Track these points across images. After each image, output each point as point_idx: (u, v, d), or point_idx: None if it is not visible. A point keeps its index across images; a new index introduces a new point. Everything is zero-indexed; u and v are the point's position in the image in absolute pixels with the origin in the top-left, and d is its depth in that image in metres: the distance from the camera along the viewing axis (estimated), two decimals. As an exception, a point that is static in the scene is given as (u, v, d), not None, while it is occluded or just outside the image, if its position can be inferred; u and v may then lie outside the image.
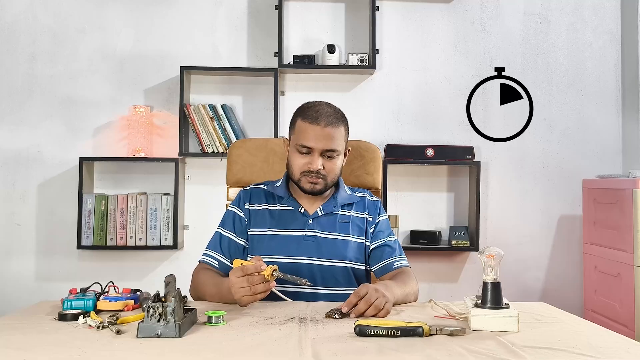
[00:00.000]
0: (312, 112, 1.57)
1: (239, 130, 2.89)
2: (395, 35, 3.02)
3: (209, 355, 0.99)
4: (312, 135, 1.54)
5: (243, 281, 1.28)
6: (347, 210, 1.66)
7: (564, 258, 3.02)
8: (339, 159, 1.61)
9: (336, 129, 1.56)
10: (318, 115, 1.55)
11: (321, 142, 1.54)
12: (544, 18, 3.05)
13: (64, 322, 1.21)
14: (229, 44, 2.99)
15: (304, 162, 1.57)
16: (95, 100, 2.95)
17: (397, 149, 2.88)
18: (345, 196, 1.68)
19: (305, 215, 1.63)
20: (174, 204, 2.82)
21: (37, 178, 2.94)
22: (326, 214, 1.63)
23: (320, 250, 1.59)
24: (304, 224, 1.62)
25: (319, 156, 1.56)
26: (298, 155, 1.58)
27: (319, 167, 1.55)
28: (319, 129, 1.54)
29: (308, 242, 1.59)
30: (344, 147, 1.62)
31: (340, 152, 1.59)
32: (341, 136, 1.59)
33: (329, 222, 1.63)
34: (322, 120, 1.54)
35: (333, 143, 1.56)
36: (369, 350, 1.01)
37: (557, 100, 3.04)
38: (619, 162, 3.03)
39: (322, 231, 1.61)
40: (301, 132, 1.56)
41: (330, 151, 1.56)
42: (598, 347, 1.05)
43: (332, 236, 1.61)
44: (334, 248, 1.60)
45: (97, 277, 1.69)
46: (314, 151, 1.55)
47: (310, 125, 1.55)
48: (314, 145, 1.54)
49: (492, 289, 1.18)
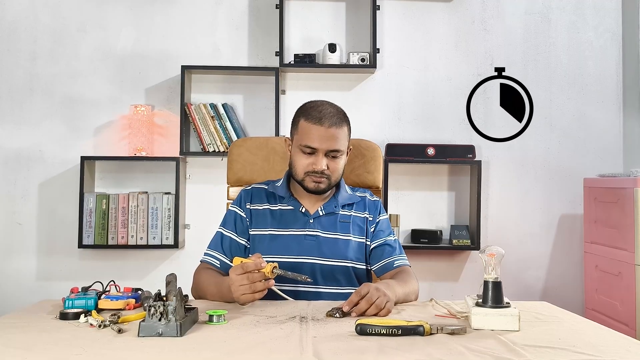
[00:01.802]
0: (315, 112, 1.56)
1: (239, 129, 2.89)
2: (396, 34, 3.02)
3: (210, 354, 0.99)
4: (317, 136, 1.54)
5: (243, 279, 1.28)
6: (347, 210, 1.66)
7: (565, 257, 3.02)
8: (343, 158, 1.61)
9: (340, 129, 1.56)
10: (322, 115, 1.55)
11: (325, 142, 1.54)
12: (545, 17, 3.04)
13: (65, 321, 1.22)
14: (229, 43, 2.99)
15: (308, 162, 1.57)
16: (96, 100, 2.95)
17: (398, 148, 2.88)
18: (346, 196, 1.68)
19: (306, 215, 1.63)
20: (175, 203, 2.82)
21: (38, 177, 2.94)
22: (327, 213, 1.64)
23: (322, 249, 1.59)
24: (305, 224, 1.62)
25: (323, 156, 1.56)
26: (302, 155, 1.58)
27: (324, 168, 1.55)
28: (323, 130, 1.54)
29: (309, 242, 1.59)
30: (346, 146, 1.62)
31: (343, 151, 1.60)
32: (344, 136, 1.59)
33: (330, 222, 1.63)
34: (326, 121, 1.54)
35: (337, 143, 1.56)
36: (369, 349, 1.01)
37: (558, 99, 3.03)
38: (620, 161, 3.02)
39: (323, 231, 1.61)
40: (305, 132, 1.56)
41: (334, 151, 1.56)
42: (599, 346, 1.05)
43: (333, 236, 1.61)
44: (335, 247, 1.60)
45: (99, 276, 1.69)
46: (318, 152, 1.55)
47: (314, 126, 1.54)
48: (319, 146, 1.54)
49: (493, 288, 1.19)
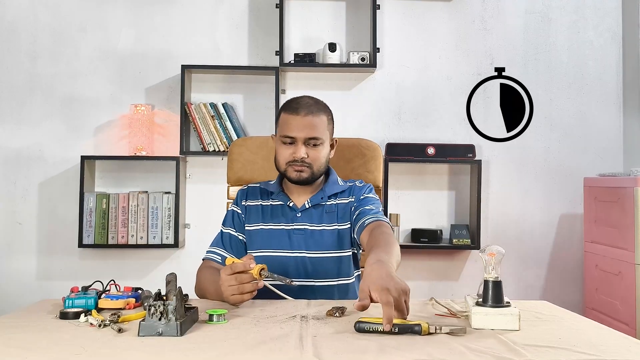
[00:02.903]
0: (293, 104, 1.62)
1: (239, 129, 2.89)
2: (396, 33, 3.02)
3: (210, 354, 0.99)
4: (294, 125, 1.58)
5: (231, 279, 1.29)
6: (334, 199, 1.68)
7: (565, 256, 3.02)
8: (324, 147, 1.62)
9: (317, 117, 1.59)
10: (298, 105, 1.60)
11: (302, 130, 1.57)
12: (545, 16, 3.04)
13: (66, 320, 1.21)
14: (230, 42, 2.99)
15: (288, 152, 1.60)
16: (96, 99, 2.95)
17: (398, 147, 2.88)
18: (335, 187, 1.69)
19: (293, 209, 1.65)
20: (175, 202, 2.82)
21: (39, 177, 2.94)
22: (314, 205, 1.66)
23: (309, 243, 1.61)
24: (292, 218, 1.64)
25: (302, 145, 1.58)
26: (283, 146, 1.61)
27: (303, 155, 1.58)
28: (300, 118, 1.58)
29: (297, 236, 1.62)
30: (328, 136, 1.64)
31: (323, 140, 1.61)
32: (323, 125, 1.61)
33: (317, 214, 1.65)
34: (302, 110, 1.58)
35: (314, 131, 1.58)
36: (370, 348, 1.01)
37: (558, 98, 3.03)
38: (620, 160, 3.02)
39: (311, 224, 1.64)
40: (284, 123, 1.60)
41: (313, 139, 1.59)
42: (599, 346, 1.05)
43: (320, 228, 1.63)
44: (322, 240, 1.62)
45: (99, 276, 1.69)
46: (297, 140, 1.58)
47: (291, 116, 1.59)
48: (296, 134, 1.58)
49: (493, 287, 1.18)
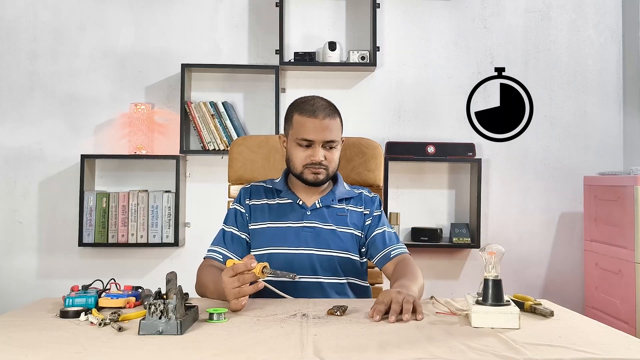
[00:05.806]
0: (308, 106, 1.62)
1: (240, 128, 2.89)
2: (396, 32, 3.02)
3: (211, 352, 0.99)
4: (312, 128, 1.59)
5: (234, 281, 1.28)
6: (344, 204, 1.69)
7: (565, 255, 3.02)
8: (338, 149, 1.66)
9: (333, 120, 1.62)
10: (315, 108, 1.60)
11: (321, 134, 1.59)
12: (545, 15, 3.04)
13: (66, 319, 1.22)
14: (229, 41, 2.99)
15: (305, 154, 1.61)
16: (96, 98, 2.95)
17: (398, 146, 2.88)
18: (344, 191, 1.72)
19: (303, 207, 1.66)
20: (175, 201, 2.82)
21: (39, 176, 2.94)
22: (324, 206, 1.67)
23: (319, 240, 1.62)
24: (302, 216, 1.65)
25: (320, 147, 1.60)
26: (299, 148, 1.61)
27: (322, 159, 1.60)
28: (318, 122, 1.59)
29: (307, 233, 1.63)
30: (340, 137, 1.67)
31: (338, 142, 1.65)
32: (338, 127, 1.64)
33: (327, 214, 1.66)
34: (319, 113, 1.59)
35: (332, 134, 1.61)
36: (370, 347, 1.01)
37: (558, 97, 3.03)
38: (620, 159, 3.02)
39: (321, 223, 1.64)
40: (300, 126, 1.60)
41: (330, 142, 1.61)
42: (599, 344, 1.05)
43: (331, 227, 1.64)
44: (333, 238, 1.63)
45: (99, 275, 1.69)
46: (315, 143, 1.60)
47: (309, 119, 1.59)
48: (315, 137, 1.59)
49: (493, 286, 1.19)
